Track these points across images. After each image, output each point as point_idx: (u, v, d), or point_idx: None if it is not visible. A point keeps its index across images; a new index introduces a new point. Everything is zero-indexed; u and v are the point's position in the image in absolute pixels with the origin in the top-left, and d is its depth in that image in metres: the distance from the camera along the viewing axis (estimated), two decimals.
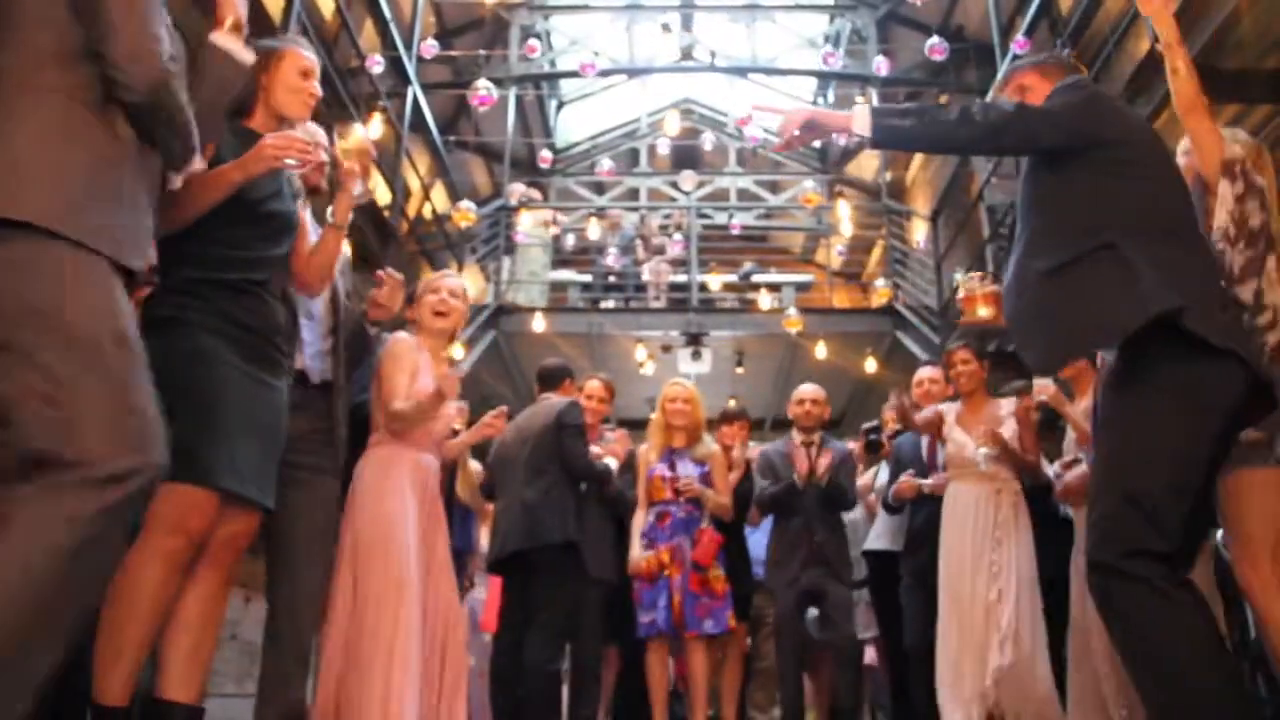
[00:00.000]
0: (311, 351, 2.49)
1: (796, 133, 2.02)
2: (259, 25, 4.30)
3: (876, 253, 10.13)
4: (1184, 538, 1.74)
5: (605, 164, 7.55)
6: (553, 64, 10.10)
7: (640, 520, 4.05)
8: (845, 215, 7.69)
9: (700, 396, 4.25)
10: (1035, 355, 2.00)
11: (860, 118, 1.94)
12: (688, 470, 4.04)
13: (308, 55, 2.26)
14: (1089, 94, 2.02)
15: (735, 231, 8.54)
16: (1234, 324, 1.85)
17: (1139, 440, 1.75)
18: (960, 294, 2.51)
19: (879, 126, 1.93)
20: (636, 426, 8.02)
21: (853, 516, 4.60)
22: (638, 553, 3.99)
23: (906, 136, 1.99)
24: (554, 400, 3.93)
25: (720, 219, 9.50)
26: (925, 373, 4.40)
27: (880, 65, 6.51)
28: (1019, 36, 5.54)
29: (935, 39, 5.84)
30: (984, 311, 2.45)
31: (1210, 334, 1.73)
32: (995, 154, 2.07)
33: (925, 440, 4.24)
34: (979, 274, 2.54)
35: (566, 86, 11.17)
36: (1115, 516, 1.71)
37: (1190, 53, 4.07)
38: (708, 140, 7.94)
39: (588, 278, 9.16)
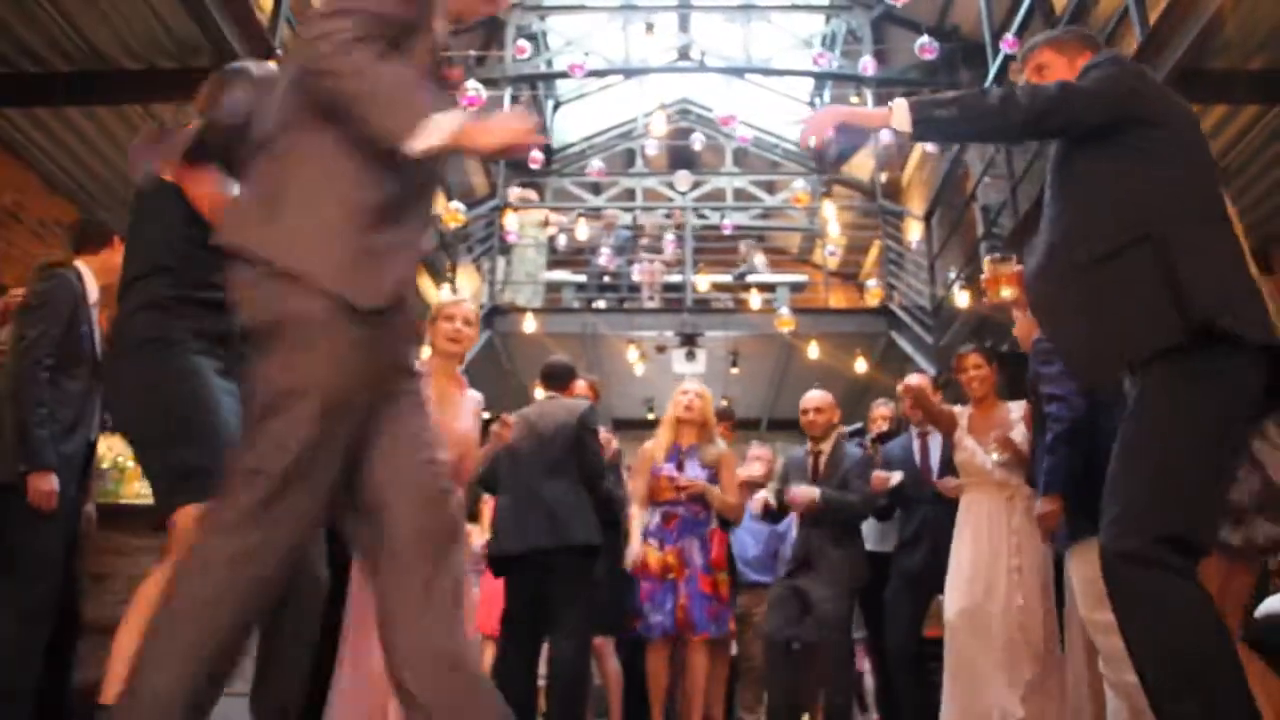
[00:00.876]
0: None
1: (831, 133, 1.96)
2: (246, 30, 4.32)
3: (874, 252, 10.13)
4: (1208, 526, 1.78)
5: (595, 164, 7.53)
6: (549, 64, 10.11)
7: (638, 514, 4.05)
8: (831, 215, 7.69)
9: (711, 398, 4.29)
10: (1081, 367, 1.97)
11: (899, 112, 1.88)
12: (695, 473, 4.04)
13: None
14: (1127, 69, 1.96)
15: (727, 231, 8.53)
16: (1263, 311, 1.81)
17: (1172, 436, 1.74)
18: (984, 275, 2.50)
19: (919, 120, 1.88)
20: (632, 427, 8.05)
21: None
22: (638, 548, 3.98)
23: (948, 127, 1.93)
24: (570, 401, 3.93)
25: (717, 219, 9.50)
26: (913, 380, 4.37)
27: (867, 65, 6.50)
28: (1009, 35, 5.54)
29: (925, 38, 5.84)
30: (1007, 292, 2.43)
31: (1248, 332, 1.73)
32: (1041, 138, 2.04)
33: (916, 444, 4.22)
34: (1001, 255, 2.52)
35: (563, 87, 11.17)
36: (1143, 505, 1.71)
37: (1176, 54, 4.13)
38: (697, 140, 7.93)
39: (582, 278, 9.17)
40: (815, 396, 4.36)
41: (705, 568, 3.91)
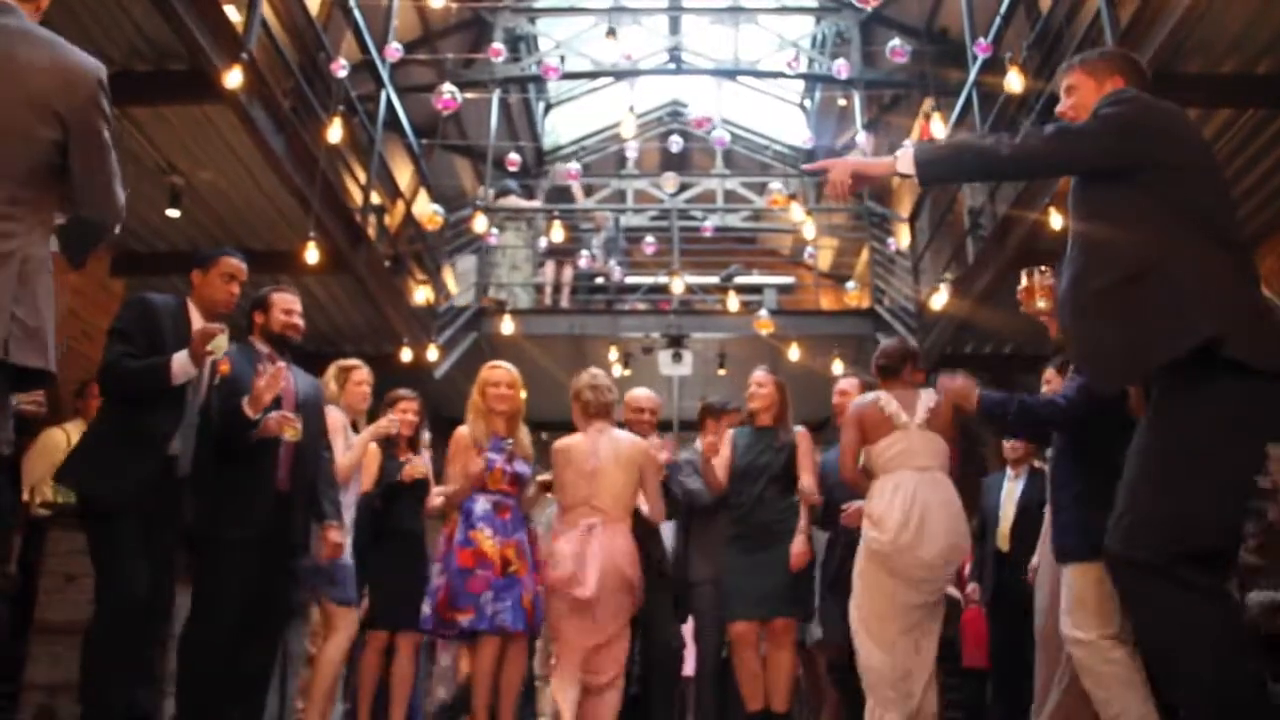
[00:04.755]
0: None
1: (848, 183, 2.11)
2: (220, 34, 4.34)
3: (865, 255, 10.13)
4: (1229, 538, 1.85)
5: (574, 166, 7.54)
6: (538, 66, 10.14)
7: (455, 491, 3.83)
8: (800, 217, 7.69)
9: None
10: (1097, 372, 2.09)
11: (904, 159, 2.05)
12: (522, 469, 3.87)
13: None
14: (1135, 108, 1.99)
15: (707, 234, 8.54)
16: (1275, 335, 1.86)
17: (1191, 450, 1.78)
18: (1021, 285, 2.55)
19: (922, 164, 2.03)
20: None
21: None
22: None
23: (950, 170, 2.11)
24: None
25: (712, 220, 9.50)
26: (845, 384, 4.32)
27: (840, 68, 6.50)
28: (982, 40, 5.54)
29: (896, 41, 5.84)
30: (1043, 303, 2.47)
31: (1254, 358, 1.77)
32: (1044, 176, 2.20)
33: None
34: (1040, 267, 2.58)
35: (555, 89, 11.19)
36: (1161, 517, 1.75)
37: (1146, 56, 4.13)
38: (674, 143, 7.95)
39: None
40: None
41: (535, 567, 3.75)
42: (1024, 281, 2.56)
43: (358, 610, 3.80)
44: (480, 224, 7.03)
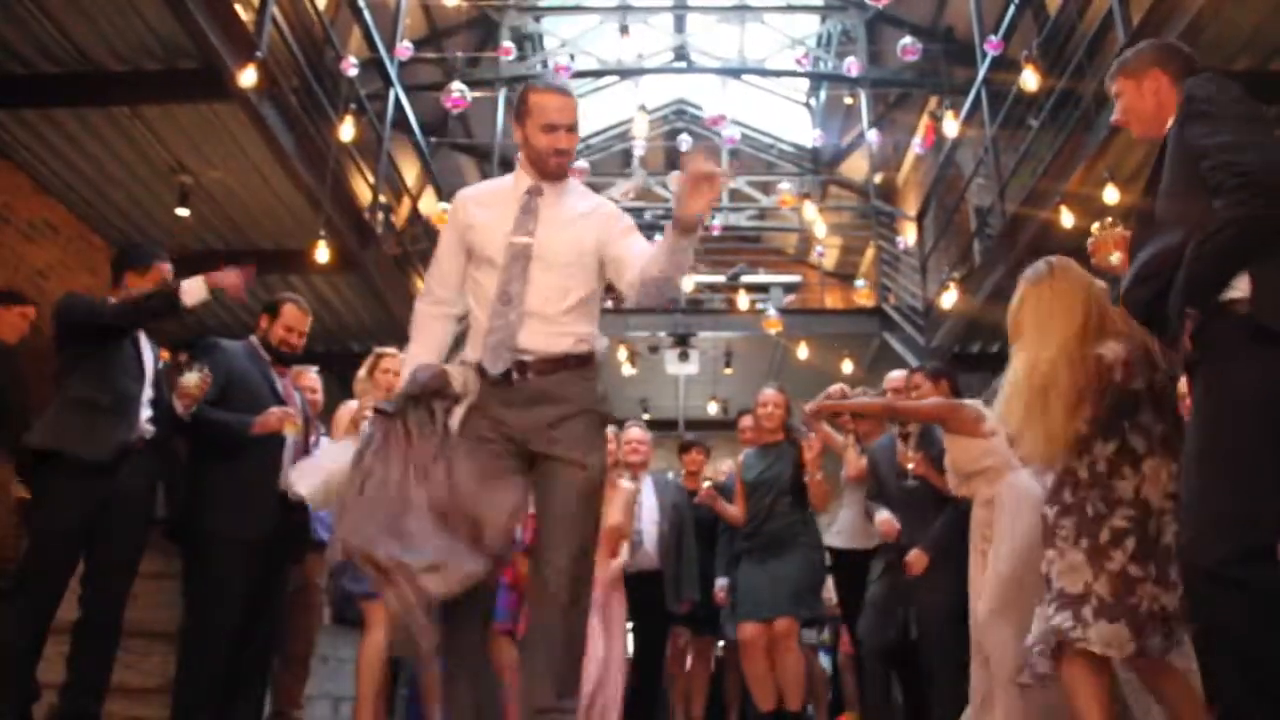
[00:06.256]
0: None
1: None
2: (230, 32, 4.33)
3: (870, 253, 10.13)
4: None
5: (580, 165, 7.53)
6: (544, 65, 10.12)
7: None
8: (815, 217, 7.68)
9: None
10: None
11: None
12: None
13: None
14: (1237, 94, 1.91)
15: (715, 233, 8.53)
16: None
17: (1235, 435, 1.69)
18: (1091, 239, 2.41)
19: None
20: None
21: None
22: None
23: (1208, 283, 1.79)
24: None
25: (718, 219, 9.48)
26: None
27: (851, 66, 6.50)
28: (993, 38, 5.53)
29: (908, 39, 5.83)
30: (1115, 257, 2.32)
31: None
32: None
33: (900, 445, 4.09)
34: (1110, 219, 2.44)
35: None
36: (1221, 516, 1.66)
37: None
38: (683, 141, 7.94)
39: None
40: (897, 376, 4.28)
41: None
42: (1095, 234, 2.40)
43: None
44: None
